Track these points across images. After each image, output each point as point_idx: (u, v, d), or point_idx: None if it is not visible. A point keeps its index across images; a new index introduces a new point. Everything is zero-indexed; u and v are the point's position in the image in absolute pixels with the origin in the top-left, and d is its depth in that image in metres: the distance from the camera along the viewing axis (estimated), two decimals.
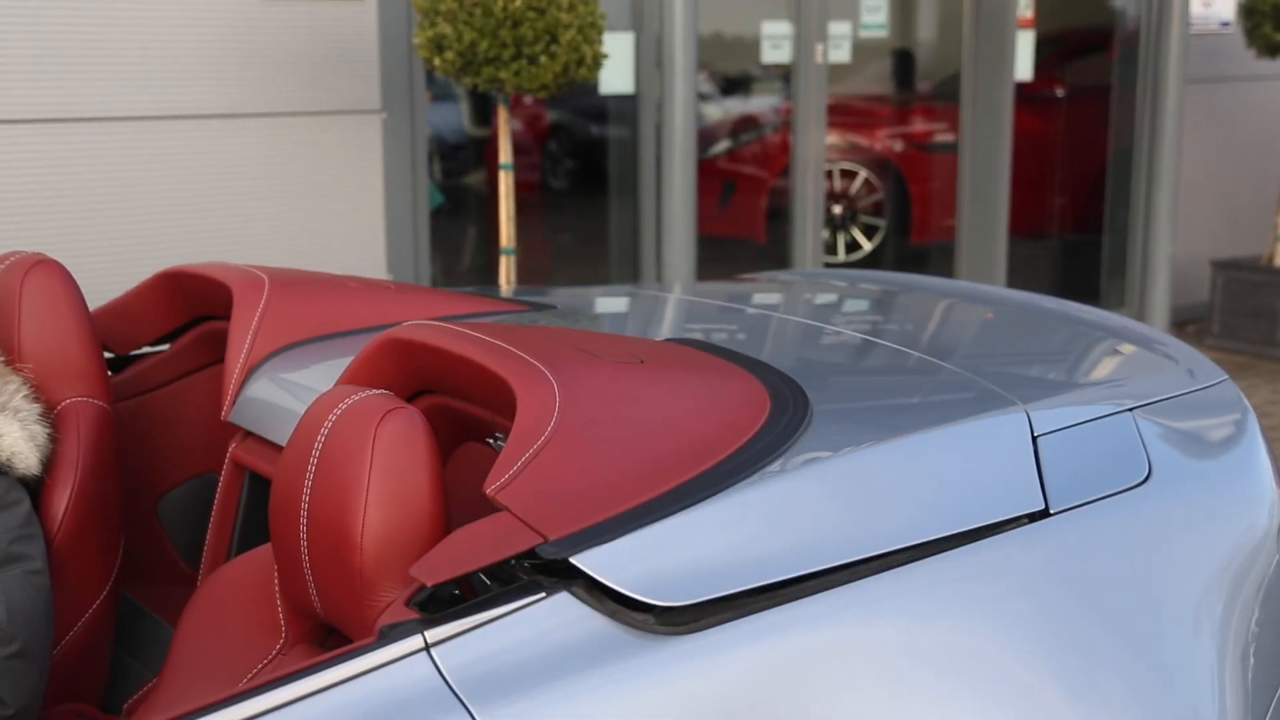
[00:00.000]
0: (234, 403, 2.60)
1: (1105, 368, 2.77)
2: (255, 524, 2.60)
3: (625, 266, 6.99)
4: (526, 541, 1.81)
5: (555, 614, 1.79)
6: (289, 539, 2.02)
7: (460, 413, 2.30)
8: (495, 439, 2.28)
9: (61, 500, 2.42)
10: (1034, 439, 2.25)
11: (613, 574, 1.80)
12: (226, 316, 2.73)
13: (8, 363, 2.48)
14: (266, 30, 5.19)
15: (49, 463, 2.44)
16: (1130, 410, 2.41)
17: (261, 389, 2.60)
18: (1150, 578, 2.18)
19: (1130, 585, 2.15)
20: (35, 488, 2.41)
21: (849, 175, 8.72)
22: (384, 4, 5.55)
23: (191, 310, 2.91)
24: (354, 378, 2.29)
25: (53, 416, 2.47)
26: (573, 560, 1.79)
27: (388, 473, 1.94)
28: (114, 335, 2.88)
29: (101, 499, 2.49)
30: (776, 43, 7.73)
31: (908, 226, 8.94)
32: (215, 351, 2.92)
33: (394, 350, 2.29)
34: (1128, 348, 2.81)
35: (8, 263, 2.58)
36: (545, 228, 7.55)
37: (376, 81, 5.52)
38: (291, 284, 2.77)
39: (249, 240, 5.27)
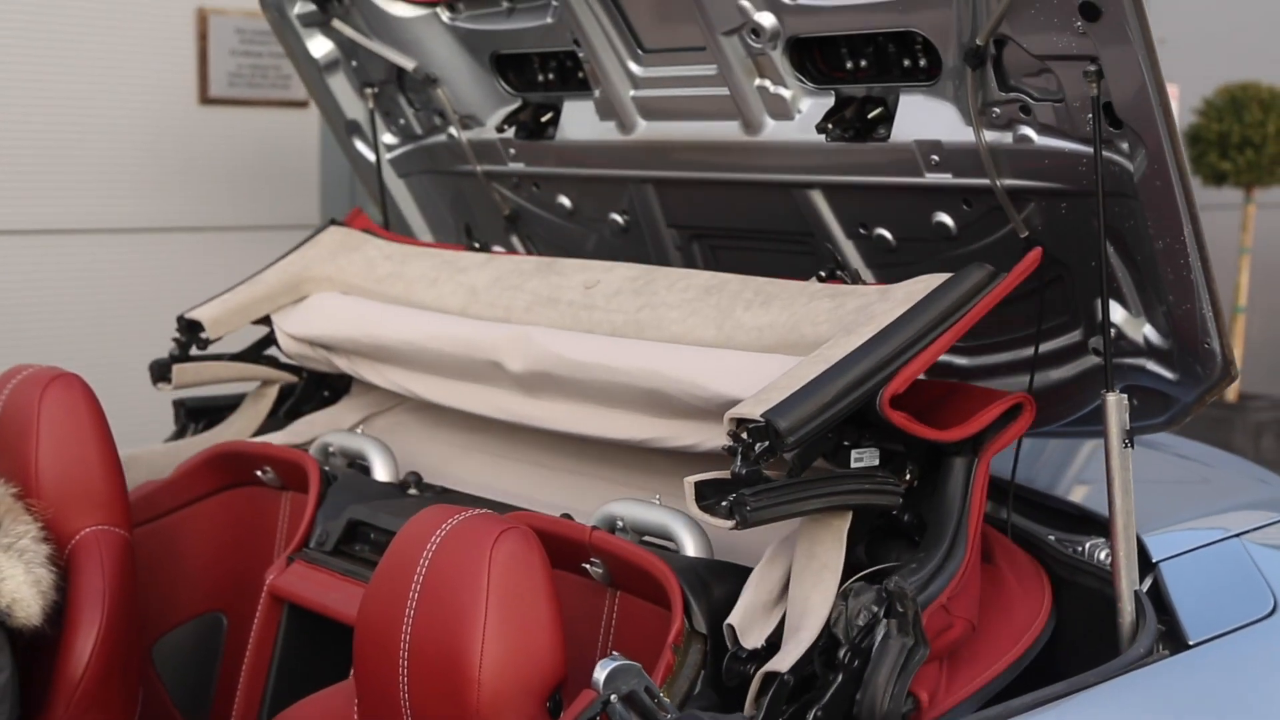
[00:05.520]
0: None
1: (1199, 493, 2.83)
2: (296, 663, 2.53)
3: None
4: None
5: None
6: (382, 677, 1.97)
7: (550, 535, 2.27)
8: (591, 564, 2.26)
9: (87, 642, 2.34)
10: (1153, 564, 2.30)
11: None
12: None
13: (20, 495, 2.41)
14: (203, 138, 5.15)
15: (66, 602, 2.37)
16: (1238, 536, 2.46)
17: None
18: None
19: None
20: (30, 639, 2.32)
21: None
22: None
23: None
24: None
25: (65, 556, 2.41)
26: None
27: (507, 598, 1.90)
28: None
29: (126, 639, 2.41)
30: None
31: None
32: (224, 475, 2.86)
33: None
34: (1212, 472, 2.88)
35: (21, 377, 2.52)
36: None
37: (315, 194, 5.50)
38: None
39: None
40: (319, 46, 3.35)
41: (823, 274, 2.44)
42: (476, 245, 3.01)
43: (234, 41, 5.30)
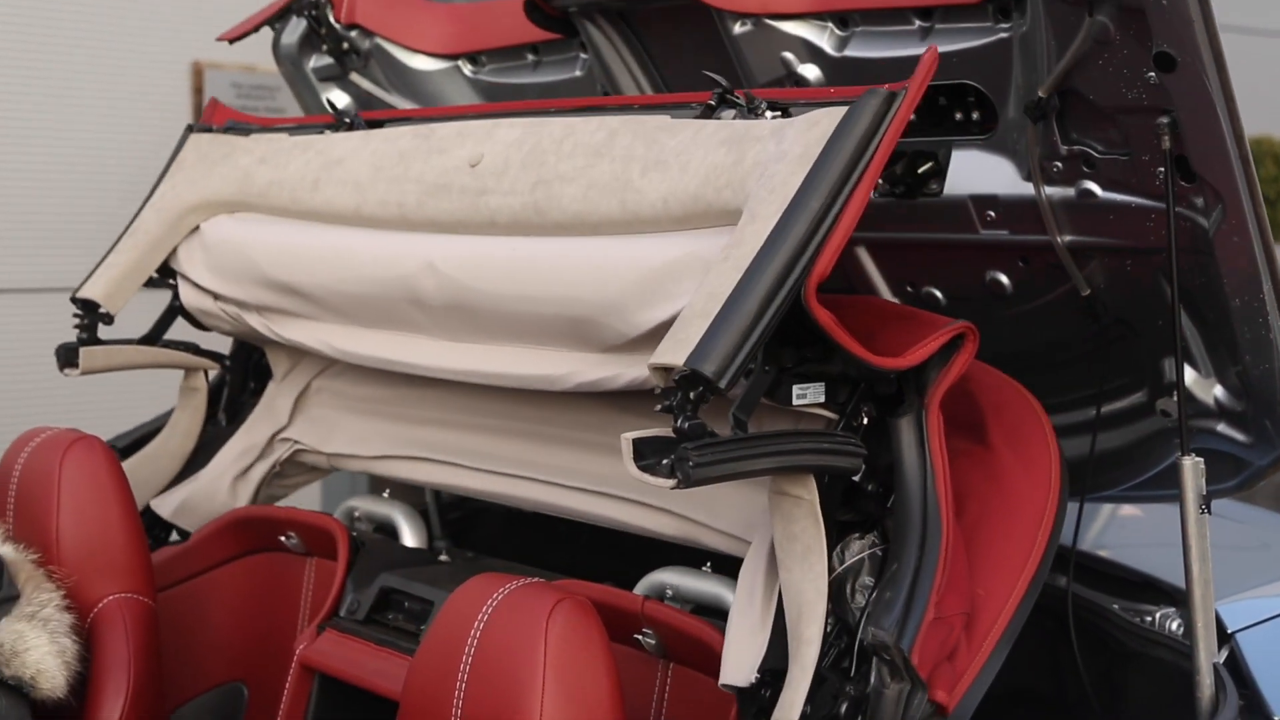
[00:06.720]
0: None
1: (1263, 559, 2.79)
2: None
3: None
4: None
5: None
6: None
7: (600, 605, 2.21)
8: (644, 635, 2.21)
9: (112, 714, 2.28)
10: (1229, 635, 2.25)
11: None
12: None
13: (40, 562, 2.36)
14: None
15: (90, 673, 2.31)
16: None
17: None
18: None
19: None
20: (52, 710, 2.26)
21: None
22: None
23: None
24: None
25: (87, 625, 2.35)
26: None
27: (565, 671, 1.85)
28: None
29: (151, 712, 2.35)
30: None
31: None
32: (246, 541, 2.80)
33: None
34: (1269, 535, 2.84)
35: (40, 440, 2.47)
36: None
37: None
38: None
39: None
40: (336, 101, 3.29)
41: (713, 102, 2.21)
42: (347, 120, 2.77)
43: (230, 96, 5.27)
